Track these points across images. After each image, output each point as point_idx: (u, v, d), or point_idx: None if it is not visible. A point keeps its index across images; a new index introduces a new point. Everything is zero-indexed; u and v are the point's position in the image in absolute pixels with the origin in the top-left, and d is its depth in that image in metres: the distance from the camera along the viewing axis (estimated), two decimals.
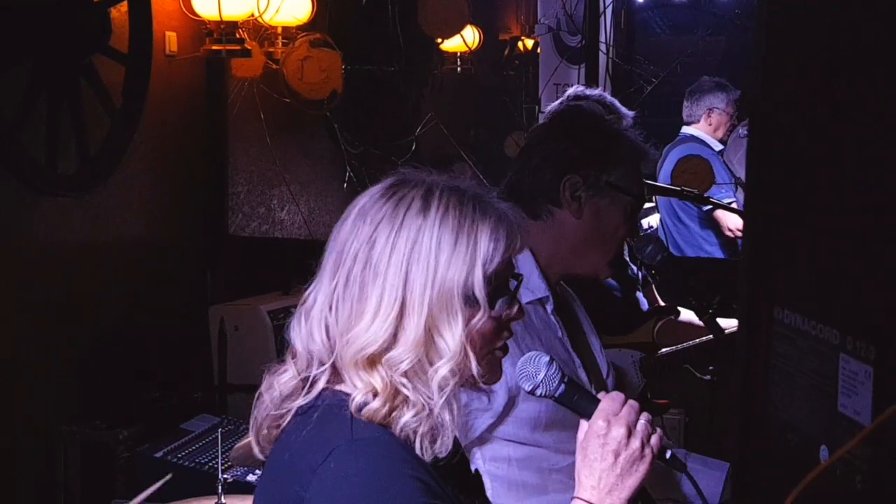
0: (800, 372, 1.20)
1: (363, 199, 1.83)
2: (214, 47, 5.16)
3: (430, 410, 1.73)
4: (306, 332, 1.79)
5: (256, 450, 1.88)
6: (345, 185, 6.33)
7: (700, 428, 4.31)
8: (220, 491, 3.49)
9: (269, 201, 6.10)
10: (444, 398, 1.73)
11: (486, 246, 1.76)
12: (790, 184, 1.25)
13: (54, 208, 4.62)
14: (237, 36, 5.17)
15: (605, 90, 4.96)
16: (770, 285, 1.26)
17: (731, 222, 5.99)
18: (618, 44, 7.48)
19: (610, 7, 6.88)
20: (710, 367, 3.78)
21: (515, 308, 1.83)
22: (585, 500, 1.78)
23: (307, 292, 1.83)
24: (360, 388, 1.74)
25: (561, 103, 3.95)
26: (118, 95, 4.85)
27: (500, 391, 2.40)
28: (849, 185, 1.13)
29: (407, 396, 1.73)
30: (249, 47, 5.25)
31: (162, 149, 5.23)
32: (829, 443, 1.14)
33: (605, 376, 2.83)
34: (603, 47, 6.53)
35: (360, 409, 1.73)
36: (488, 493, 2.09)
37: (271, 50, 5.49)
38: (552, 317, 2.64)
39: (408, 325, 1.73)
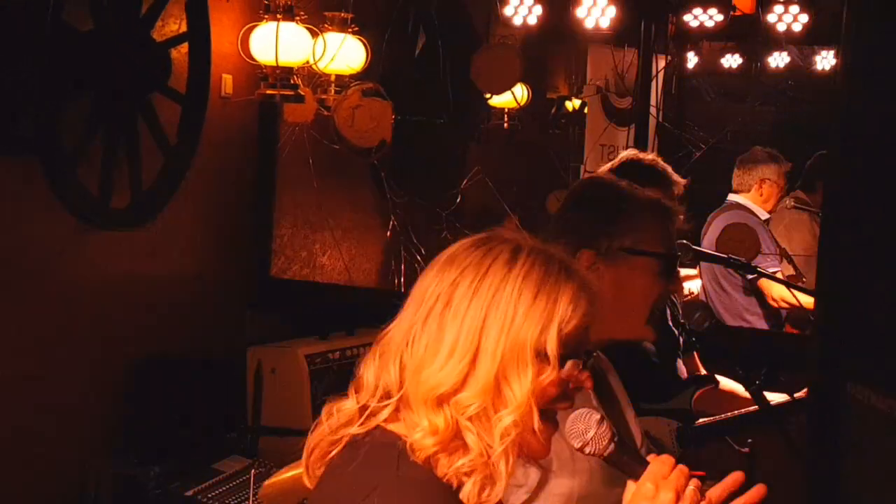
0: (871, 450, 1.20)
1: (453, 248, 1.88)
2: (269, 91, 5.22)
3: (488, 457, 1.75)
4: (380, 364, 1.83)
5: (305, 477, 1.89)
6: (388, 233, 6.35)
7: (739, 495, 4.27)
8: None
9: (312, 246, 6.13)
10: (503, 447, 1.75)
11: (565, 307, 1.79)
12: (863, 260, 1.25)
13: (104, 241, 4.69)
14: (291, 81, 5.23)
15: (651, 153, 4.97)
16: (842, 360, 1.27)
17: (776, 292, 5.95)
18: (667, 108, 7.51)
19: (662, 71, 6.90)
20: (749, 440, 3.75)
21: (585, 375, 1.84)
22: None
23: (386, 329, 1.86)
24: (423, 427, 1.75)
25: (613, 164, 3.96)
26: (173, 134, 4.92)
27: (534, 469, 2.41)
28: None
29: (465, 440, 1.75)
30: (303, 93, 5.32)
31: (212, 188, 5.29)
32: None
33: (638, 446, 2.81)
34: (652, 110, 6.54)
35: (414, 446, 1.75)
36: None
37: (324, 97, 5.55)
38: (589, 392, 2.63)
39: (479, 370, 1.76)
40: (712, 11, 5.85)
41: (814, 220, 6.55)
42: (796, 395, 3.34)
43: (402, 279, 6.13)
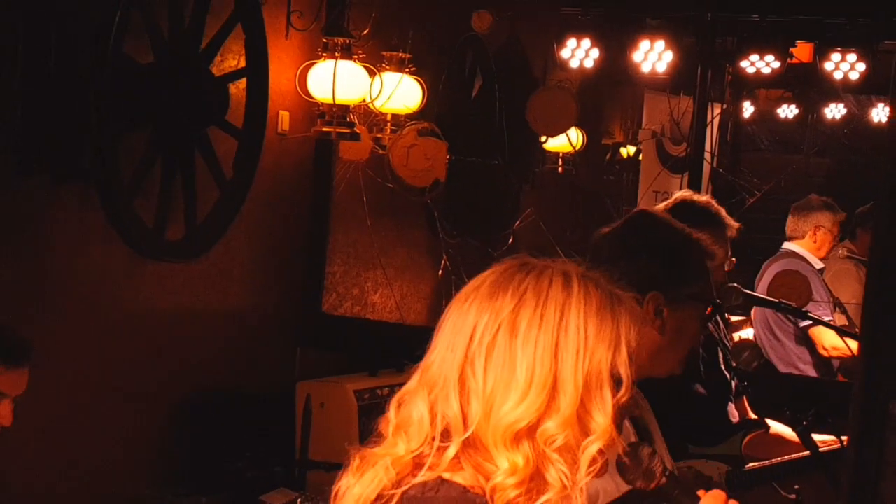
0: None
1: (492, 277, 1.77)
2: (325, 129, 5.26)
3: (569, 489, 1.68)
4: (439, 402, 1.70)
5: None
6: (440, 273, 6.36)
7: None
8: None
9: (364, 283, 6.15)
10: (589, 477, 1.69)
11: (627, 327, 1.74)
12: None
13: (158, 272, 4.71)
14: (348, 119, 5.27)
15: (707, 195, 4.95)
16: (886, 379, 1.25)
17: (828, 341, 5.89)
18: (722, 155, 7.50)
19: (717, 118, 6.90)
20: (796, 486, 3.70)
21: (628, 395, 1.81)
22: None
23: (427, 367, 1.75)
24: (504, 469, 1.66)
25: (668, 203, 3.95)
26: (229, 168, 4.94)
27: (579, 500, 2.39)
28: None
29: (545, 477, 1.67)
30: (359, 131, 5.35)
31: (266, 222, 5.31)
32: None
33: None
34: (707, 156, 6.52)
35: (496, 491, 1.66)
36: None
37: (379, 135, 5.58)
38: (627, 425, 2.62)
39: (562, 400, 1.67)
40: (769, 58, 5.84)
41: (859, 269, 6.51)
42: (844, 438, 3.30)
43: None
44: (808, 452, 3.30)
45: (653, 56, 5.88)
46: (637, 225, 2.78)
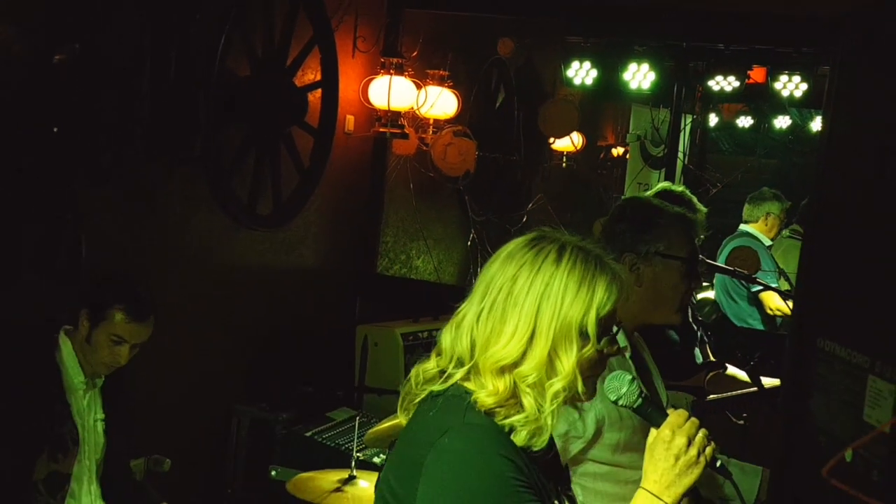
0: (834, 389, 1.20)
1: (510, 246, 1.86)
2: (381, 130, 5.28)
3: (539, 415, 1.76)
4: (456, 336, 1.82)
5: (401, 417, 1.91)
6: (468, 244, 6.37)
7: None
8: (352, 465, 3.55)
9: (409, 251, 6.18)
10: (554, 407, 1.77)
11: (601, 295, 1.79)
12: (836, 247, 1.26)
13: (250, 238, 4.75)
14: (399, 122, 5.29)
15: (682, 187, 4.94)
16: (815, 320, 1.27)
17: (773, 303, 5.87)
18: (692, 155, 7.45)
19: (688, 126, 6.86)
20: (744, 415, 3.71)
21: (616, 347, 1.85)
22: (649, 490, 1.79)
23: (460, 309, 1.86)
24: (488, 389, 1.76)
25: (650, 193, 3.94)
26: (307, 159, 4.97)
27: (590, 423, 2.41)
28: (881, 242, 1.14)
29: (521, 401, 1.77)
30: (408, 132, 5.37)
31: (334, 202, 5.34)
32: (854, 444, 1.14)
33: (664, 405, 2.80)
34: (680, 156, 6.49)
35: (477, 401, 1.77)
36: (579, 499, 2.11)
37: (424, 136, 5.59)
38: (629, 361, 2.63)
39: (535, 348, 1.77)
40: (731, 78, 5.80)
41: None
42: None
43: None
44: (755, 388, 3.31)
45: (639, 76, 5.85)
46: (621, 203, 2.80)
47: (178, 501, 3.57)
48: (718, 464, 1.83)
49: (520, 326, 1.76)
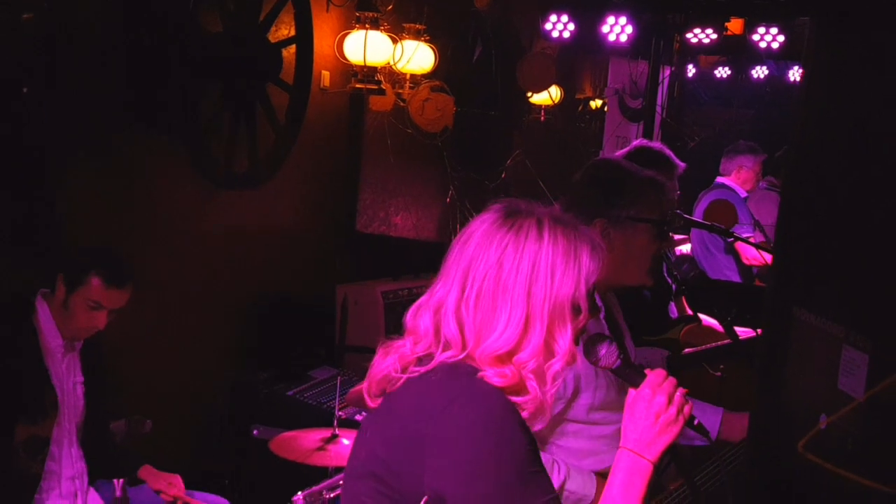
0: (809, 357, 1.21)
1: (484, 225, 1.79)
2: (358, 86, 5.21)
3: (543, 397, 1.75)
4: (441, 321, 1.75)
5: (367, 399, 1.85)
6: (447, 200, 6.36)
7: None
8: (335, 424, 3.56)
9: (388, 208, 6.15)
10: (555, 388, 1.76)
11: (587, 265, 1.77)
12: (812, 216, 1.26)
13: (228, 198, 4.71)
14: (376, 78, 5.22)
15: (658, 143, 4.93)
16: (791, 290, 1.28)
17: (750, 254, 5.91)
18: (670, 108, 7.44)
19: (667, 79, 6.84)
20: (721, 366, 3.75)
21: (597, 310, 1.86)
22: (629, 449, 1.80)
23: (435, 291, 1.79)
24: (492, 373, 1.72)
25: (628, 149, 3.93)
26: (283, 116, 4.91)
27: (570, 383, 2.44)
28: (855, 215, 1.14)
29: (524, 386, 1.73)
30: (384, 88, 5.30)
31: (312, 160, 5.29)
32: (828, 411, 1.15)
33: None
34: (658, 109, 6.47)
35: (485, 379, 1.72)
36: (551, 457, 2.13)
37: (401, 91, 5.54)
38: (603, 321, 2.65)
39: (532, 333, 1.73)
40: (709, 31, 5.78)
41: (777, 196, 6.51)
42: (759, 330, 3.34)
43: (457, 235, 6.13)
44: (730, 341, 3.34)
45: (617, 29, 5.81)
46: (592, 166, 2.80)
47: (160, 463, 3.58)
48: (696, 421, 1.85)
49: (513, 314, 1.72)
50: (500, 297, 1.72)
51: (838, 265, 1.16)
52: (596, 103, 8.84)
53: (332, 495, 3.12)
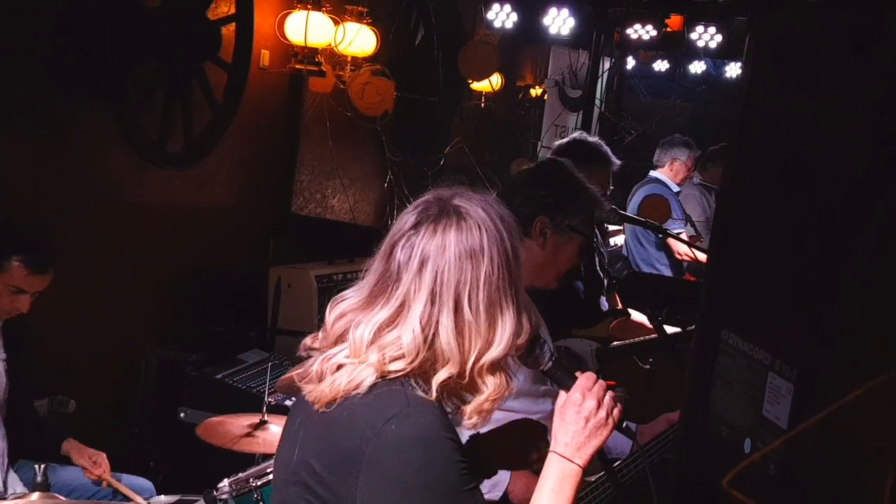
0: (736, 381, 1.21)
1: (438, 238, 1.69)
2: (298, 66, 5.15)
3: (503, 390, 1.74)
4: (403, 332, 1.67)
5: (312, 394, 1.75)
6: (385, 184, 6.33)
7: (638, 405, 4.33)
8: (264, 410, 3.52)
9: (325, 190, 6.10)
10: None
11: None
12: (745, 238, 1.26)
13: (161, 177, 4.62)
14: (316, 59, 5.17)
15: (595, 136, 4.96)
16: (721, 312, 1.28)
17: (681, 249, 5.99)
18: (609, 101, 7.49)
19: (607, 71, 6.87)
20: (650, 359, 3.79)
21: None
22: (560, 454, 1.78)
23: (395, 300, 1.68)
24: (490, 390, 1.69)
25: (567, 141, 3.94)
26: (220, 95, 4.82)
27: None
28: (783, 242, 1.15)
29: (484, 383, 1.71)
30: (325, 69, 5.25)
31: (248, 140, 5.21)
32: (752, 437, 1.16)
33: None
34: (598, 101, 6.51)
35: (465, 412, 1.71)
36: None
37: (341, 73, 5.49)
38: None
39: (507, 326, 1.71)
40: (649, 27, 5.81)
41: (702, 194, 6.63)
42: (688, 328, 3.39)
43: (394, 220, 6.11)
44: (657, 335, 3.37)
45: (559, 21, 5.82)
46: (547, 167, 2.83)
47: (83, 442, 3.51)
48: (624, 425, 1.86)
49: (507, 323, 1.69)
50: (497, 315, 1.69)
51: (771, 291, 1.17)
52: (536, 91, 8.86)
53: (258, 483, 3.08)
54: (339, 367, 1.69)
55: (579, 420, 1.79)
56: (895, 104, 0.98)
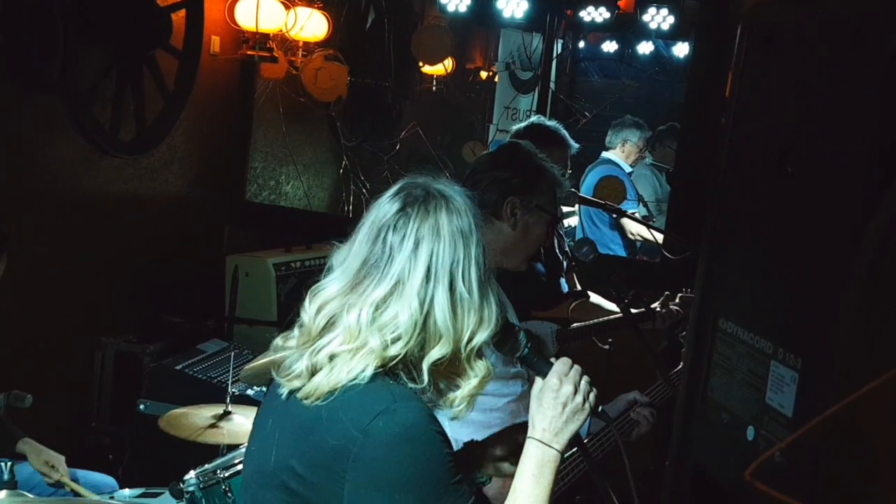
0: (736, 369, 1.22)
1: (430, 219, 1.71)
2: (249, 52, 5.11)
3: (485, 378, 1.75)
4: (423, 312, 1.67)
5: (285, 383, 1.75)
6: (340, 171, 6.29)
7: (598, 385, 4.36)
8: (228, 401, 3.49)
9: (279, 177, 6.05)
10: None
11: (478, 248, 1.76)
12: (741, 226, 1.27)
13: (113, 166, 4.56)
14: (268, 45, 5.12)
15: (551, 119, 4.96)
16: (718, 301, 1.29)
17: (633, 228, 6.03)
18: (561, 83, 7.51)
19: (559, 54, 6.89)
20: (610, 340, 3.82)
21: None
22: (537, 439, 1.79)
23: (389, 278, 1.68)
24: (480, 373, 1.72)
25: (525, 124, 3.93)
26: (172, 82, 4.77)
27: None
28: (785, 231, 1.16)
29: (466, 370, 1.73)
30: (277, 55, 5.21)
31: (201, 127, 5.15)
32: (756, 425, 1.17)
33: None
34: (552, 84, 6.52)
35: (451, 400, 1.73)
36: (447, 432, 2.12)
37: (293, 59, 5.44)
38: None
39: (469, 348, 1.73)
40: (602, 10, 5.83)
41: (654, 173, 6.69)
42: (652, 306, 3.42)
43: (350, 207, 6.09)
44: (619, 315, 3.40)
45: (512, 4, 5.81)
46: (508, 150, 2.85)
47: (41, 437, 3.44)
48: (600, 409, 1.88)
49: (493, 304, 1.72)
50: (487, 292, 1.72)
51: (772, 277, 1.17)
52: (485, 73, 8.83)
53: (226, 474, 3.05)
54: (333, 356, 1.67)
55: (556, 405, 1.80)
56: (892, 93, 0.99)
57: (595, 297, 3.87)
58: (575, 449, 2.60)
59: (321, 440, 1.65)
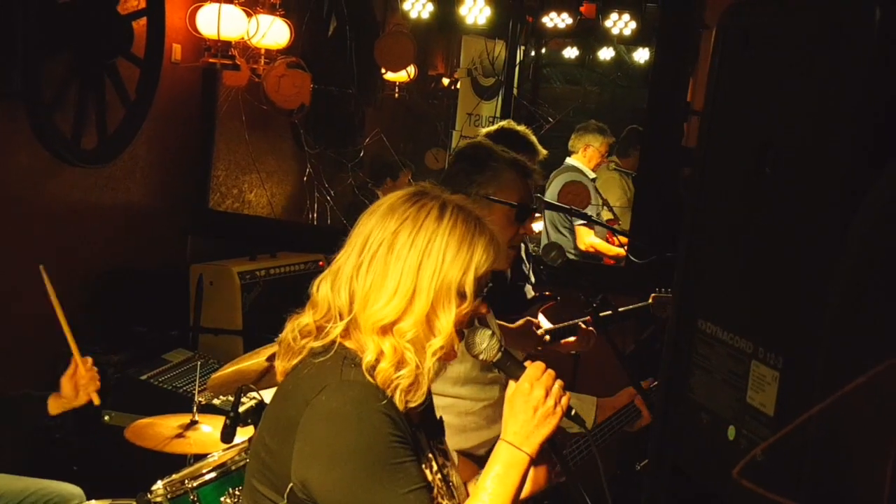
0: (716, 370, 1.23)
1: (391, 199, 1.85)
2: (211, 60, 5.09)
3: (417, 371, 1.77)
4: (334, 289, 1.80)
5: (278, 374, 1.88)
6: (304, 178, 6.26)
7: (566, 388, 4.38)
8: (194, 410, 3.46)
9: (242, 185, 6.03)
10: (431, 363, 1.78)
11: (479, 256, 1.80)
12: (719, 226, 1.28)
13: (75, 175, 4.53)
14: (230, 53, 5.10)
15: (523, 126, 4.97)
16: (696, 301, 1.30)
17: (586, 240, 6.04)
18: (524, 89, 7.54)
19: (522, 60, 6.92)
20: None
21: (484, 306, 1.86)
22: (509, 442, 1.82)
23: (336, 260, 1.83)
24: (371, 349, 1.76)
25: (495, 129, 3.94)
26: (133, 91, 4.76)
27: None
28: (763, 231, 1.17)
29: (401, 359, 1.76)
30: (239, 63, 5.19)
31: (163, 135, 5.13)
32: (737, 424, 1.18)
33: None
34: (515, 91, 6.55)
35: (371, 367, 1.75)
36: None
37: (256, 66, 5.42)
38: None
39: (416, 306, 1.76)
40: (564, 16, 5.87)
41: (623, 179, 6.72)
42: (621, 309, 3.45)
43: (315, 214, 6.07)
44: (587, 318, 3.42)
45: (475, 10, 5.84)
46: (461, 146, 2.83)
47: (3, 449, 3.39)
48: (573, 412, 1.89)
49: (402, 283, 1.76)
50: (392, 265, 1.77)
51: (747, 279, 1.19)
52: (449, 80, 8.85)
53: (194, 484, 3.02)
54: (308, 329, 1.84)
55: (527, 409, 1.83)
56: (876, 88, 1.01)
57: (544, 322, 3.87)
58: (575, 446, 2.64)
59: (282, 411, 1.79)
